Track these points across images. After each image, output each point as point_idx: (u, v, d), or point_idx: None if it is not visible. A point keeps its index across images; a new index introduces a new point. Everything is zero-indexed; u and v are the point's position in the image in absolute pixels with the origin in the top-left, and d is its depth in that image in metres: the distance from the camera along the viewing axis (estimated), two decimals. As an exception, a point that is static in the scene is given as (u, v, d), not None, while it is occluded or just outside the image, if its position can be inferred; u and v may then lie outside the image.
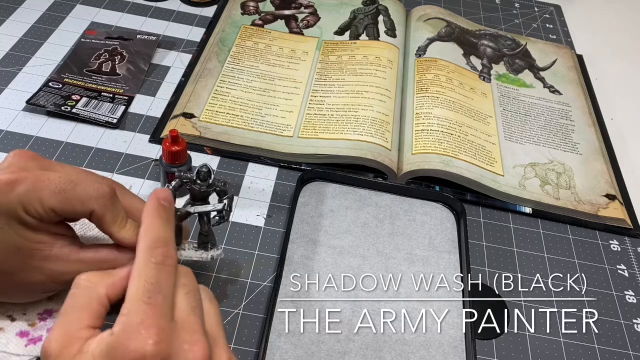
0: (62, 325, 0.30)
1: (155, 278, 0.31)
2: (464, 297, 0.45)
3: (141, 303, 0.30)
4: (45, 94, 0.55)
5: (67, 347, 0.29)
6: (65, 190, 0.34)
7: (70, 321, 0.30)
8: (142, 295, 0.30)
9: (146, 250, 0.32)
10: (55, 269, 0.35)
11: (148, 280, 0.31)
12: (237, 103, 0.58)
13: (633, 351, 0.45)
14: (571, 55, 0.74)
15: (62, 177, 0.34)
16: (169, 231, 0.34)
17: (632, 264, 0.52)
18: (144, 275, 0.31)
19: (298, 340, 0.41)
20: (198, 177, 0.38)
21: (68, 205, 0.34)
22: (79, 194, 0.34)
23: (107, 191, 0.35)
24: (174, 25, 0.68)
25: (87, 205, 0.34)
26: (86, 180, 0.35)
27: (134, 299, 0.30)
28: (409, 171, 0.53)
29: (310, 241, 0.48)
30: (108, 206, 0.35)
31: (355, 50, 0.66)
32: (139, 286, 0.30)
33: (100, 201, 0.34)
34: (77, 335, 0.29)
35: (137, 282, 0.31)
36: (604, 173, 0.58)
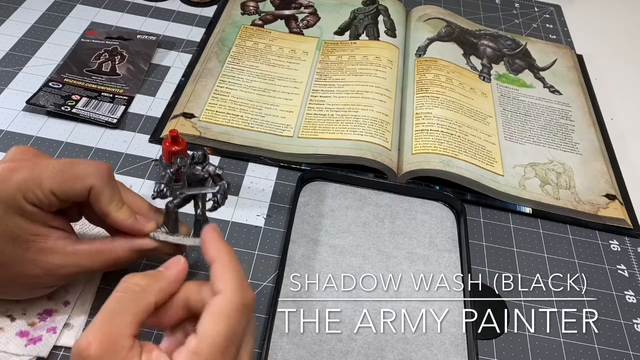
0: (106, 328, 0.28)
1: (237, 328, 0.30)
2: (465, 296, 0.45)
3: (217, 351, 0.29)
4: (45, 94, 0.55)
5: (110, 353, 0.28)
6: (63, 171, 0.34)
7: (116, 326, 0.28)
8: (221, 342, 0.29)
9: (235, 290, 0.30)
10: (51, 261, 0.35)
11: (231, 327, 0.29)
12: (237, 103, 0.58)
13: (633, 351, 0.45)
14: (571, 55, 0.74)
15: (60, 160, 0.35)
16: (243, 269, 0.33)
17: (632, 264, 0.52)
18: (230, 320, 0.29)
19: (300, 340, 0.41)
20: (193, 159, 0.38)
21: (67, 185, 0.34)
22: (77, 171, 0.35)
23: (105, 167, 0.36)
24: (174, 25, 0.68)
25: (86, 181, 0.34)
26: (84, 161, 0.36)
27: (212, 346, 0.29)
28: (409, 171, 0.53)
29: (311, 241, 0.48)
30: (106, 182, 0.35)
31: (355, 50, 0.66)
32: (222, 331, 0.29)
33: (97, 177, 0.35)
34: (121, 343, 0.28)
35: (221, 324, 0.29)
36: (604, 173, 0.58)
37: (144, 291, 0.31)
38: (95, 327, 0.28)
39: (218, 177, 0.39)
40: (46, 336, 0.38)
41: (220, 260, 0.32)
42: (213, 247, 0.33)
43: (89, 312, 0.40)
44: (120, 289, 0.30)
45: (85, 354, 0.27)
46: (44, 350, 0.38)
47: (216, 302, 0.30)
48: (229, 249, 0.33)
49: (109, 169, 0.36)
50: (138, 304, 0.30)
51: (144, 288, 0.31)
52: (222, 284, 0.31)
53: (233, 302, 0.30)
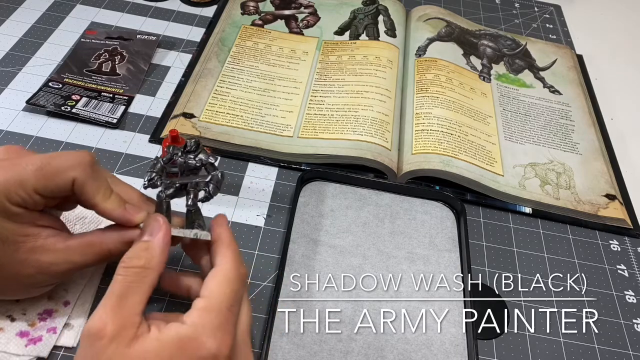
0: (117, 308, 0.30)
1: (240, 291, 0.34)
2: (465, 296, 0.45)
3: (224, 308, 0.32)
4: (45, 94, 0.55)
5: (124, 330, 0.29)
6: (42, 167, 0.33)
7: (126, 306, 0.31)
8: (227, 301, 0.32)
9: (234, 262, 0.34)
10: (43, 260, 0.34)
11: (234, 290, 0.33)
12: (237, 103, 0.58)
13: (633, 351, 0.45)
14: (571, 55, 0.74)
15: (38, 157, 0.34)
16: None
17: (632, 264, 0.52)
18: (232, 284, 0.33)
19: (300, 340, 0.41)
20: (185, 148, 0.37)
21: (48, 181, 0.33)
22: (57, 165, 0.34)
23: (86, 158, 0.34)
24: (174, 25, 0.68)
25: (67, 174, 0.34)
26: (64, 153, 0.35)
27: (220, 302, 0.32)
28: (409, 171, 0.53)
29: (311, 241, 0.48)
30: (89, 173, 0.34)
31: (355, 50, 0.66)
32: (227, 292, 0.33)
33: (79, 168, 0.34)
34: (132, 320, 0.30)
35: (225, 287, 0.33)
36: (604, 173, 0.58)
37: (145, 269, 0.33)
38: (107, 308, 0.30)
39: (211, 166, 0.38)
40: (46, 336, 0.38)
41: (222, 240, 0.36)
42: (220, 227, 0.36)
43: (89, 312, 0.40)
44: (121, 272, 0.32)
45: (101, 333, 0.29)
46: (44, 351, 0.38)
47: (219, 270, 0.34)
48: (230, 233, 0.37)
49: (91, 158, 0.35)
50: (143, 283, 0.32)
51: (144, 266, 0.33)
52: (223, 258, 0.34)
53: (232, 271, 0.34)
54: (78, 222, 0.45)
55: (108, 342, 0.29)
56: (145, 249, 0.33)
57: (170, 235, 0.35)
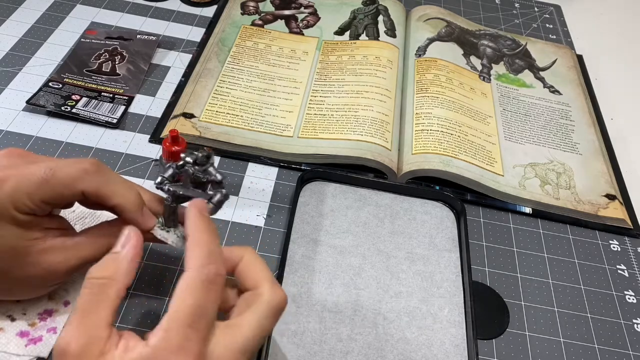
0: (81, 325, 0.29)
1: (203, 300, 0.30)
2: (465, 296, 0.45)
3: (185, 326, 0.29)
4: (45, 94, 0.55)
5: (89, 347, 0.28)
6: (47, 179, 0.33)
7: (90, 321, 0.29)
8: (187, 317, 0.29)
9: (198, 267, 0.31)
10: (53, 260, 0.35)
11: (196, 303, 0.29)
12: (237, 103, 0.58)
13: (633, 351, 0.45)
14: (571, 55, 0.74)
15: (42, 166, 0.33)
16: (218, 246, 0.33)
17: (632, 264, 0.52)
18: (194, 294, 0.30)
19: (300, 340, 0.41)
20: (195, 160, 0.37)
21: (55, 193, 0.33)
22: (62, 178, 0.33)
23: (87, 167, 0.34)
24: (174, 25, 0.68)
25: (74, 187, 0.33)
26: (66, 164, 0.34)
27: (179, 320, 0.29)
28: (409, 171, 0.53)
29: (311, 241, 0.48)
30: (97, 182, 0.34)
31: (355, 50, 0.66)
32: (187, 305, 0.29)
33: (85, 180, 0.33)
34: (98, 335, 0.29)
35: (185, 301, 0.29)
36: (604, 173, 0.58)
37: (111, 280, 0.31)
38: (72, 326, 0.29)
39: (217, 184, 0.37)
40: (46, 336, 0.38)
41: (191, 237, 0.32)
42: (187, 224, 0.33)
43: (89, 312, 0.40)
44: (87, 285, 0.31)
45: (66, 352, 0.28)
46: (44, 351, 0.38)
47: (182, 279, 0.30)
48: (204, 225, 0.33)
49: (93, 166, 0.34)
50: (108, 296, 0.30)
51: (109, 278, 0.31)
52: (188, 261, 0.31)
53: (197, 277, 0.30)
54: (78, 221, 0.45)
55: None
56: (113, 259, 0.32)
57: (140, 246, 0.33)
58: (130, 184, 0.36)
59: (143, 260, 0.44)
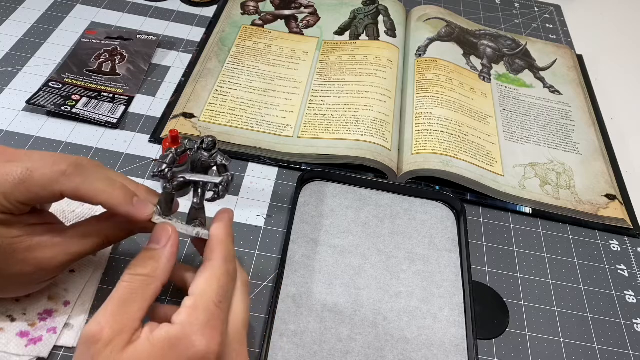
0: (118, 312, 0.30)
1: (227, 286, 0.33)
2: (465, 296, 0.45)
3: (212, 304, 0.31)
4: (45, 94, 0.55)
5: (120, 335, 0.29)
6: (24, 180, 0.32)
7: (126, 312, 0.30)
8: (214, 297, 0.32)
9: (223, 259, 0.34)
10: (41, 256, 0.34)
11: (222, 286, 0.33)
12: (237, 103, 0.58)
13: (633, 351, 0.45)
14: (571, 55, 0.74)
15: (19, 166, 0.33)
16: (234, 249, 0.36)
17: (632, 264, 0.52)
18: (220, 281, 0.33)
19: (300, 340, 0.41)
20: (202, 145, 0.37)
21: (32, 194, 0.33)
22: (38, 180, 0.32)
23: (64, 169, 0.33)
24: (174, 25, 0.68)
25: (51, 188, 0.33)
26: (44, 165, 0.33)
27: (207, 299, 0.32)
28: (409, 171, 0.53)
29: (311, 241, 0.48)
30: (75, 183, 0.33)
31: (355, 50, 0.66)
32: (214, 288, 0.32)
33: (62, 181, 0.33)
34: (131, 326, 0.30)
35: (213, 283, 0.32)
36: (604, 173, 0.58)
37: (150, 278, 0.32)
38: (107, 313, 0.30)
39: (224, 167, 0.37)
40: (46, 336, 0.38)
41: (216, 236, 0.35)
42: (219, 224, 0.36)
43: (89, 312, 0.40)
44: (126, 279, 0.32)
45: (97, 337, 0.29)
46: (44, 351, 0.38)
47: (207, 267, 0.34)
48: (229, 230, 0.36)
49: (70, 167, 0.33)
50: (146, 292, 0.32)
51: (149, 275, 0.33)
52: (212, 254, 0.34)
53: (221, 267, 0.34)
54: (71, 214, 0.45)
55: (103, 346, 0.29)
56: (151, 257, 0.33)
57: (178, 245, 0.35)
58: (113, 178, 0.35)
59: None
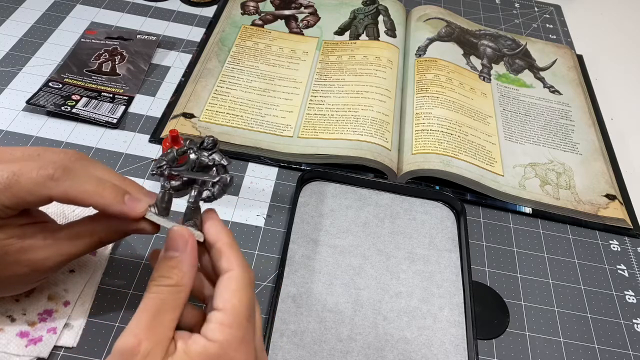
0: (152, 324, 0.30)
1: (252, 299, 0.32)
2: (465, 296, 0.45)
3: (244, 320, 0.31)
4: (45, 94, 0.55)
5: (157, 347, 0.29)
6: (10, 186, 0.31)
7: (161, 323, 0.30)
8: (246, 312, 0.31)
9: (244, 268, 0.33)
10: (34, 258, 0.34)
11: (250, 299, 0.32)
12: (237, 103, 0.58)
13: (633, 351, 0.45)
14: (571, 55, 0.74)
15: (4, 170, 0.31)
16: None
17: (632, 264, 0.52)
18: (248, 293, 0.32)
19: (300, 340, 0.41)
20: (202, 145, 0.36)
21: (18, 199, 0.32)
22: (25, 185, 0.31)
23: (52, 173, 0.32)
24: (174, 25, 0.68)
25: (38, 193, 0.32)
26: (30, 168, 0.32)
27: (240, 315, 0.31)
28: (409, 171, 0.53)
29: (311, 241, 0.48)
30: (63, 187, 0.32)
31: (355, 50, 0.66)
32: (244, 303, 0.31)
33: (50, 186, 0.32)
34: (167, 336, 0.30)
35: (242, 298, 0.31)
36: (604, 173, 0.58)
37: (178, 287, 0.32)
38: (142, 326, 0.30)
39: (223, 168, 0.37)
40: (46, 336, 0.38)
41: (224, 240, 0.34)
42: (214, 230, 0.34)
43: (89, 312, 0.40)
44: (154, 290, 0.31)
45: (135, 350, 0.29)
46: (44, 351, 0.38)
47: (232, 278, 0.32)
48: (228, 231, 0.35)
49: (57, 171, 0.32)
50: (176, 302, 0.32)
51: (177, 284, 0.32)
52: (229, 263, 0.33)
53: (245, 278, 0.32)
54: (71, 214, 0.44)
55: (141, 359, 0.29)
56: (174, 266, 0.32)
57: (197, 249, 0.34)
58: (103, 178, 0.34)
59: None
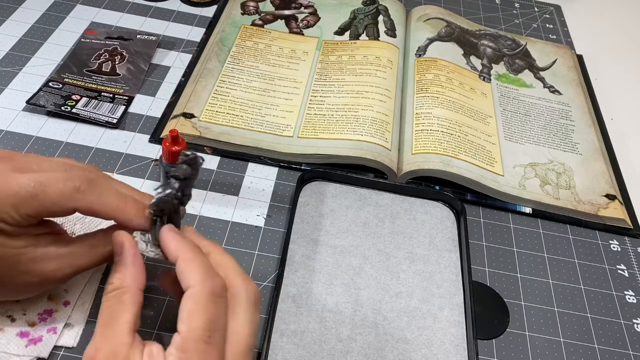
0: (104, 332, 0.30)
1: (215, 315, 0.30)
2: (465, 296, 0.45)
3: (202, 343, 0.29)
4: (45, 94, 0.55)
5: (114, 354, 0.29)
6: (36, 195, 0.32)
7: (113, 328, 0.30)
8: (203, 334, 0.29)
9: (202, 281, 0.31)
10: (46, 268, 0.34)
11: (209, 317, 0.30)
12: (237, 103, 0.58)
13: (633, 351, 0.45)
14: (571, 55, 0.74)
15: (31, 179, 0.32)
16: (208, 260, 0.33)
17: (632, 264, 0.52)
18: (207, 311, 0.30)
19: (300, 340, 0.41)
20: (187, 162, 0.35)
21: (44, 209, 0.32)
22: (51, 196, 0.32)
23: (79, 185, 0.32)
24: (174, 25, 0.68)
25: (64, 204, 0.32)
26: (56, 179, 0.32)
27: (196, 337, 0.29)
28: (409, 171, 0.53)
29: (311, 241, 0.48)
30: (89, 200, 0.33)
31: (355, 50, 0.66)
32: (201, 323, 0.29)
33: (76, 198, 0.32)
34: (122, 341, 0.30)
35: (199, 317, 0.30)
36: (604, 173, 0.58)
37: (121, 289, 0.32)
38: (97, 334, 0.30)
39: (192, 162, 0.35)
40: (46, 336, 0.38)
41: (182, 256, 0.32)
42: (172, 246, 0.33)
43: (89, 312, 0.40)
44: (104, 299, 0.32)
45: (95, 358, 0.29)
46: (44, 351, 0.38)
47: (188, 296, 0.30)
48: (189, 244, 0.33)
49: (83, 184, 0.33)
50: (124, 304, 0.31)
51: (119, 287, 0.32)
52: (188, 279, 0.31)
53: (203, 293, 0.30)
54: (78, 222, 0.45)
55: None
56: (115, 271, 0.33)
57: (135, 245, 0.33)
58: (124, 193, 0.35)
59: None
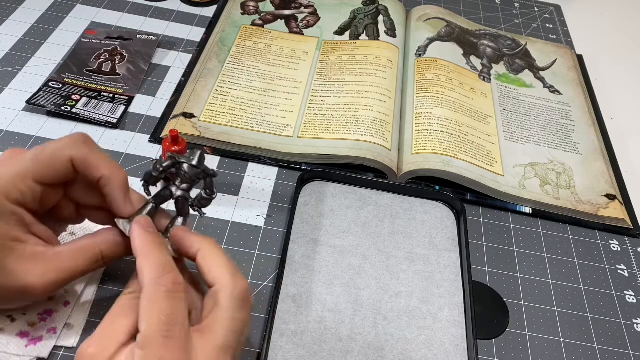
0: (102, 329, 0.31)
1: (170, 309, 0.30)
2: (465, 296, 0.45)
3: (159, 337, 0.29)
4: (45, 94, 0.55)
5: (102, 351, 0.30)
6: (37, 155, 0.34)
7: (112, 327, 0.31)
8: (160, 329, 0.29)
9: (153, 280, 0.31)
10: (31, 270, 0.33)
11: (163, 312, 0.30)
12: (237, 103, 0.58)
13: (633, 351, 0.45)
14: (571, 55, 0.74)
15: (35, 149, 0.35)
16: (168, 256, 0.33)
17: (632, 264, 0.52)
18: (157, 307, 0.30)
19: (300, 340, 0.41)
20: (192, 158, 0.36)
21: (47, 167, 0.34)
22: (51, 149, 0.34)
23: (76, 137, 0.35)
24: (174, 25, 0.68)
25: (62, 154, 0.34)
26: (56, 140, 0.35)
27: (153, 334, 0.29)
28: (409, 171, 0.53)
29: (311, 241, 0.48)
30: (85, 149, 0.34)
31: (355, 50, 0.66)
32: (154, 318, 0.29)
33: (73, 146, 0.34)
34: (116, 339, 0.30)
35: (153, 314, 0.29)
36: (604, 173, 0.58)
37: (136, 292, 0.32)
38: (97, 331, 0.31)
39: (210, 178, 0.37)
40: (46, 336, 0.38)
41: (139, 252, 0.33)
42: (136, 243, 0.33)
43: (89, 312, 0.40)
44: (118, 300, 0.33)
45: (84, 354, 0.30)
46: (44, 351, 0.38)
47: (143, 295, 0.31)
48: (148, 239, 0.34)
49: (83, 136, 0.35)
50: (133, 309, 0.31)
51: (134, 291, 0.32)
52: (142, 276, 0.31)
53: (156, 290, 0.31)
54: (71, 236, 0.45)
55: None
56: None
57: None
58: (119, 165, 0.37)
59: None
